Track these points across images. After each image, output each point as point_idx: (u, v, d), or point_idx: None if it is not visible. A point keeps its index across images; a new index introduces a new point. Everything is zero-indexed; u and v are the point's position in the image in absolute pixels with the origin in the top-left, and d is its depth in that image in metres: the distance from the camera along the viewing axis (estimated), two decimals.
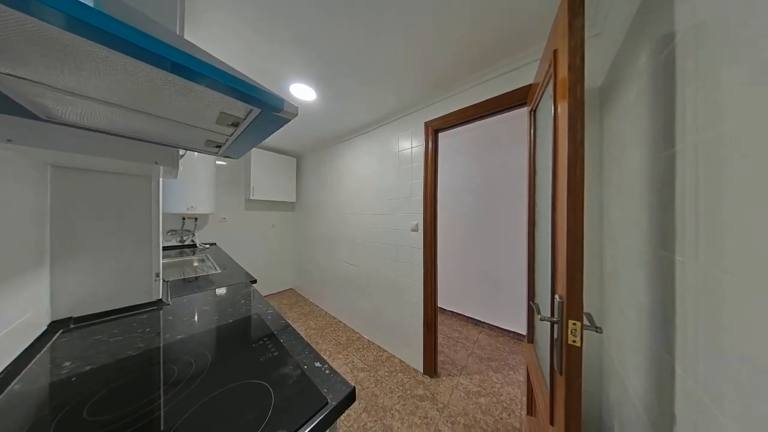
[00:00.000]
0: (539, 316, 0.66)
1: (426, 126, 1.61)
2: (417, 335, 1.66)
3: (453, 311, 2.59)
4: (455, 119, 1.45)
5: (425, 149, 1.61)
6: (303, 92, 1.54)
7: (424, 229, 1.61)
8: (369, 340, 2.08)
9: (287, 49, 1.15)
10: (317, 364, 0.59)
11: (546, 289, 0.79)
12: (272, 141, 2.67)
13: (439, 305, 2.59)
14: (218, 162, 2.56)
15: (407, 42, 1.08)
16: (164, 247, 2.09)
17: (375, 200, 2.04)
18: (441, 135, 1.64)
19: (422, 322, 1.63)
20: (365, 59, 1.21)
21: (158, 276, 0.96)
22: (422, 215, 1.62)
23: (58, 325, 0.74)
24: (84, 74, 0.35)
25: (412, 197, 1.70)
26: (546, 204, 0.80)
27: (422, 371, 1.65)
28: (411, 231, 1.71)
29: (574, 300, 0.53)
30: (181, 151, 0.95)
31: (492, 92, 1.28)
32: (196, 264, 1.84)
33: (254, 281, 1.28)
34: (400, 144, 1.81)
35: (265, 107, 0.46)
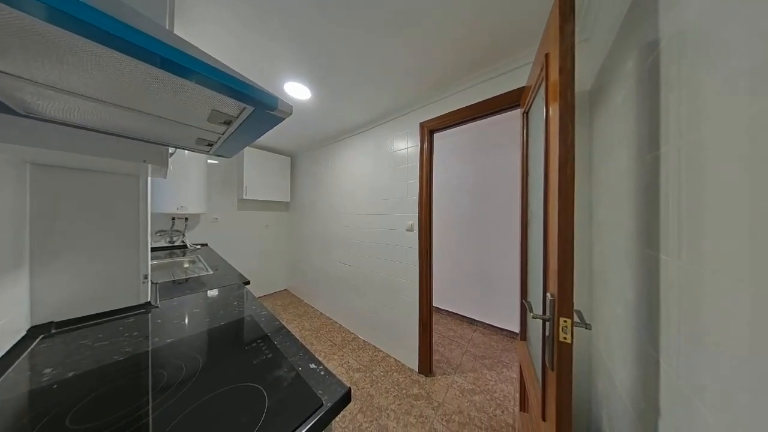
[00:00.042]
0: (532, 314, 0.67)
1: (421, 126, 1.62)
2: (412, 335, 1.67)
3: (448, 310, 2.62)
4: (450, 120, 1.47)
5: (420, 149, 1.62)
6: (297, 91, 1.53)
7: (420, 229, 1.61)
8: (364, 341, 2.07)
9: (281, 47, 1.14)
10: (312, 366, 0.58)
11: (538, 288, 0.80)
12: (266, 140, 2.63)
13: (435, 304, 2.61)
14: (210, 161, 2.51)
15: (403, 42, 1.08)
16: (153, 248, 2.03)
17: (370, 200, 2.04)
18: (436, 136, 1.65)
19: (417, 322, 1.64)
20: (360, 59, 1.21)
21: (146, 278, 0.93)
22: (417, 215, 1.63)
23: (39, 331, 0.71)
24: (66, 68, 0.34)
25: (408, 197, 1.71)
26: (538, 204, 0.82)
27: (417, 370, 1.66)
28: (406, 231, 1.71)
29: (565, 298, 0.54)
30: (171, 150, 0.93)
31: (486, 94, 1.30)
32: (187, 265, 1.80)
33: (247, 282, 1.26)
34: (396, 144, 1.82)
35: (259, 105, 0.45)
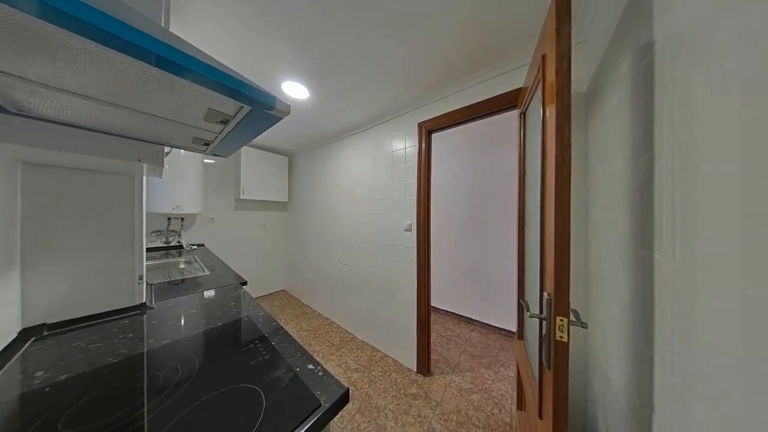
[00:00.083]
0: (529, 314, 0.68)
1: (419, 127, 1.62)
2: (410, 334, 1.67)
3: (446, 310, 2.63)
4: (448, 120, 1.47)
5: (418, 150, 1.63)
6: (295, 90, 1.52)
7: (418, 229, 1.62)
8: (362, 341, 2.07)
9: (280, 46, 1.13)
10: (310, 366, 0.58)
11: (535, 287, 0.81)
12: (263, 139, 2.61)
13: (433, 304, 2.61)
14: (206, 160, 2.48)
15: (402, 42, 1.08)
16: (148, 249, 2.00)
17: (368, 200, 2.03)
18: (434, 136, 1.65)
19: (416, 322, 1.64)
20: (360, 59, 1.21)
21: (141, 279, 0.92)
22: (415, 215, 1.64)
23: (30, 333, 0.70)
24: (59, 65, 0.33)
25: (406, 197, 1.71)
26: (535, 204, 0.82)
27: (416, 370, 1.66)
28: (404, 231, 1.72)
29: (562, 297, 0.55)
30: (167, 149, 0.92)
31: (484, 94, 1.30)
32: (183, 266, 1.78)
33: (244, 283, 1.25)
34: (394, 144, 1.82)
35: (256, 105, 0.45)
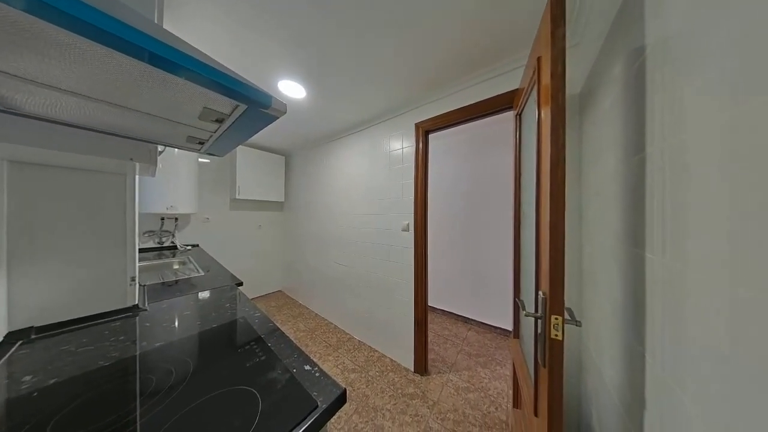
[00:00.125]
0: (524, 312, 0.69)
1: (416, 127, 1.62)
2: (408, 334, 1.68)
3: (443, 309, 2.64)
4: (445, 121, 1.48)
5: (416, 150, 1.63)
6: (292, 89, 1.51)
7: (415, 229, 1.62)
8: (360, 341, 2.07)
9: (276, 45, 1.12)
10: (307, 367, 0.58)
11: (531, 286, 0.82)
12: (259, 138, 2.59)
13: (430, 304, 2.62)
14: (201, 159, 2.45)
15: (401, 42, 1.09)
16: (141, 250, 1.97)
17: (366, 200, 2.03)
18: (431, 136, 1.66)
19: (413, 321, 1.64)
20: (358, 58, 1.20)
21: (134, 280, 0.90)
22: (413, 215, 1.64)
23: (17, 336, 0.68)
24: (48, 61, 0.32)
25: (403, 197, 1.72)
26: (531, 205, 0.84)
27: (413, 370, 1.66)
28: (402, 231, 1.72)
29: (556, 296, 0.56)
30: (160, 147, 0.90)
31: (481, 95, 1.31)
32: (177, 267, 1.75)
33: (240, 284, 1.24)
34: (391, 144, 1.82)
35: (252, 104, 0.45)
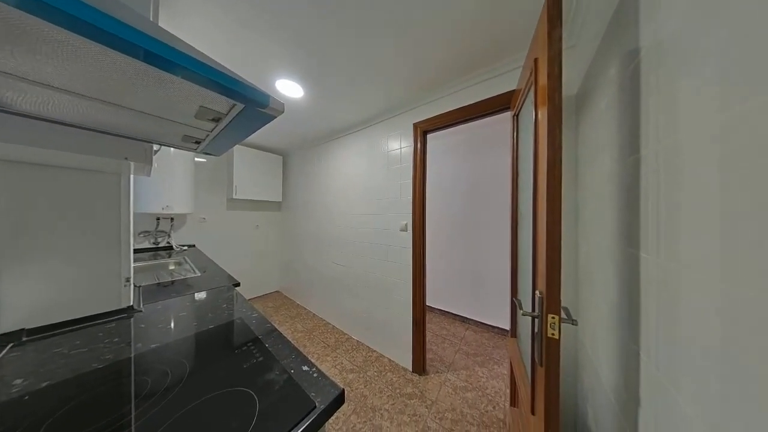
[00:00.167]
0: (521, 312, 0.69)
1: (415, 127, 1.63)
2: (406, 334, 1.68)
3: (441, 309, 2.65)
4: (443, 121, 1.48)
5: (414, 150, 1.63)
6: (290, 89, 1.50)
7: (413, 229, 1.62)
8: (358, 341, 2.06)
9: (274, 44, 1.12)
10: (305, 368, 0.58)
11: (528, 286, 0.83)
12: (257, 138, 2.57)
13: (428, 304, 2.63)
14: (197, 159, 2.43)
15: (398, 43, 1.09)
16: (136, 250, 1.95)
17: (364, 200, 2.03)
18: (429, 136, 1.66)
19: (411, 321, 1.65)
20: (356, 58, 1.20)
21: (128, 281, 0.89)
22: (411, 215, 1.64)
23: (8, 339, 0.67)
24: (40, 59, 0.32)
25: (401, 197, 1.72)
26: (528, 205, 0.84)
27: (411, 369, 1.67)
28: (400, 231, 1.72)
29: (553, 295, 0.56)
30: (155, 147, 0.89)
31: (479, 96, 1.32)
32: (173, 267, 1.73)
33: (237, 284, 1.23)
34: (390, 144, 1.82)
35: (249, 103, 0.44)
